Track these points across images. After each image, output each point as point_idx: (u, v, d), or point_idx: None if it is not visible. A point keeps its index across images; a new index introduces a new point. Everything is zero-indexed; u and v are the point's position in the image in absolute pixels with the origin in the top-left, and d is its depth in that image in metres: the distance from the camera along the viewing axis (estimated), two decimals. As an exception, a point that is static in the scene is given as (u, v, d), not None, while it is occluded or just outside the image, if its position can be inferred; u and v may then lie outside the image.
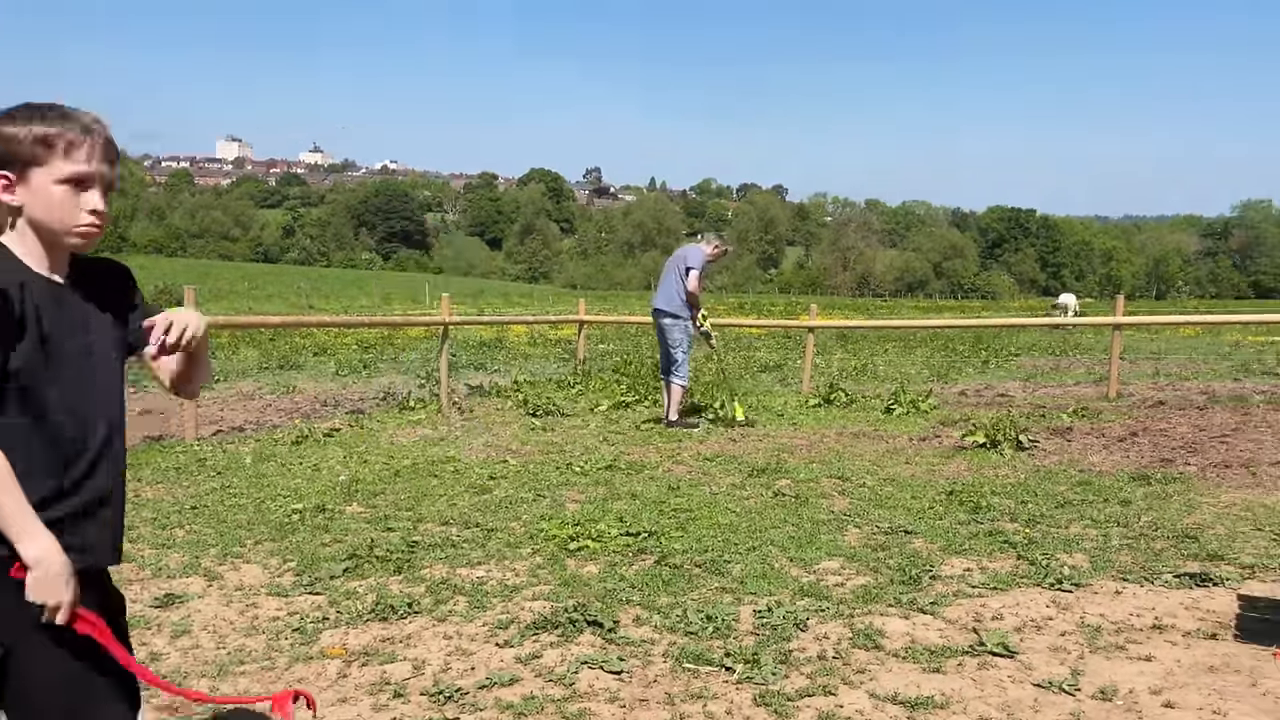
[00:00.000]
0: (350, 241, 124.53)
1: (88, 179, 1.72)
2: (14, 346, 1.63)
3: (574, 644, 3.38)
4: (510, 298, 58.03)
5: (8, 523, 1.60)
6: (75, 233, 1.73)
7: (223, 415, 9.74)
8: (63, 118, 1.70)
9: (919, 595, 3.89)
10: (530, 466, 6.67)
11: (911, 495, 5.73)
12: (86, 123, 1.72)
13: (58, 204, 1.70)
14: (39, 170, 1.69)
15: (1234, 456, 6.91)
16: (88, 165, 1.71)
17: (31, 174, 1.69)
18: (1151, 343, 21.15)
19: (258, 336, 20.51)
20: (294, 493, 5.76)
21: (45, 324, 1.67)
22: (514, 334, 23.47)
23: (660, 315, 8.71)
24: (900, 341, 21.45)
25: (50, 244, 1.74)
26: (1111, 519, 5.12)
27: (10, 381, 1.63)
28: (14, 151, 1.68)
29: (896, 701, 2.91)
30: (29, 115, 1.69)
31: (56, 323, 1.70)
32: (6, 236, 1.73)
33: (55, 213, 1.71)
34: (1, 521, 1.60)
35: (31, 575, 1.61)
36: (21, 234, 1.72)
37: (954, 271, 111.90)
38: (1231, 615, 3.65)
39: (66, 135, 1.69)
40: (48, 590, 1.62)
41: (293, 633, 3.49)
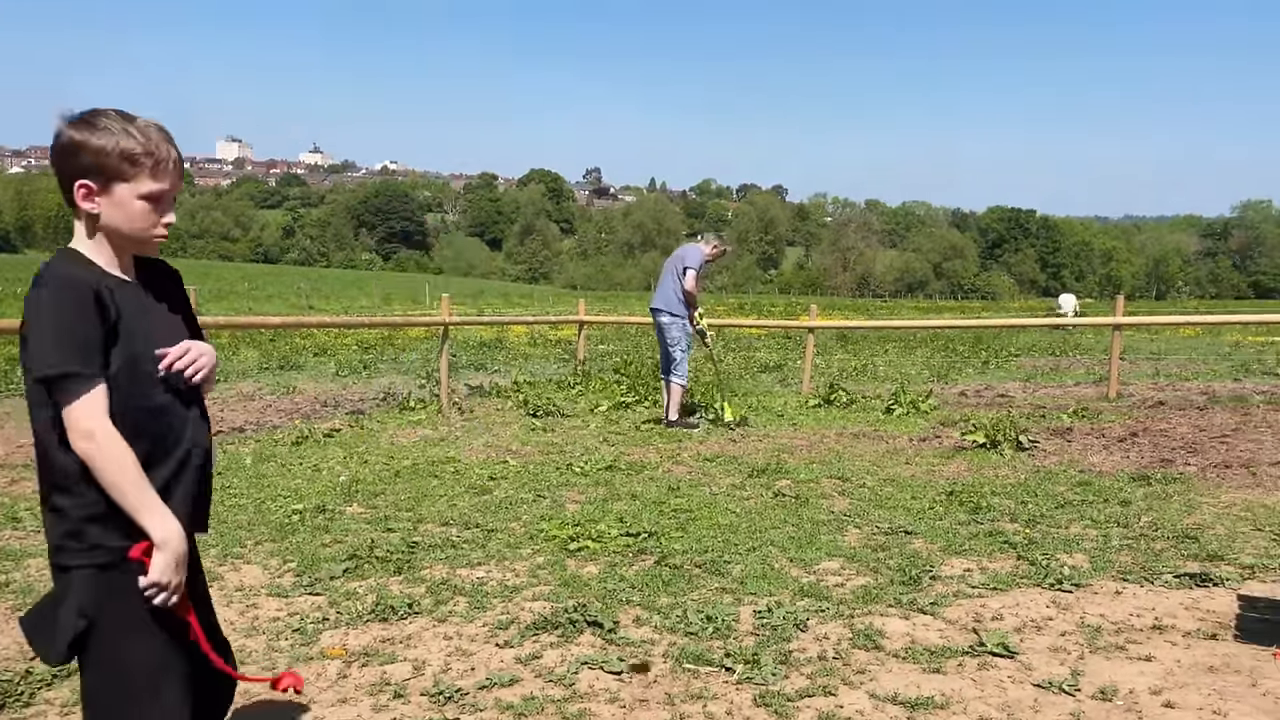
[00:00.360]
0: (350, 242, 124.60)
1: (167, 195, 1.84)
2: (114, 344, 1.74)
3: (574, 644, 3.38)
4: (510, 298, 58.03)
5: (132, 504, 1.72)
6: (150, 242, 1.86)
7: (223, 416, 9.73)
8: (144, 133, 1.79)
9: (919, 595, 3.89)
10: (530, 467, 6.67)
11: (911, 495, 5.73)
12: (165, 138, 1.82)
13: (138, 216, 1.81)
14: (123, 185, 1.78)
15: (1234, 457, 6.91)
16: (168, 182, 1.82)
17: (115, 187, 1.78)
18: (1151, 343, 21.15)
19: (258, 337, 20.51)
20: (294, 493, 5.76)
21: (132, 321, 1.78)
22: (514, 334, 23.47)
23: (658, 314, 8.71)
24: (900, 342, 21.45)
25: (120, 249, 1.85)
26: (1111, 519, 5.12)
27: (118, 377, 1.74)
28: (100, 164, 1.77)
29: (896, 702, 2.91)
30: (113, 128, 1.77)
31: (139, 319, 1.81)
32: (80, 243, 1.83)
33: (135, 224, 1.81)
34: (125, 502, 1.71)
35: (159, 554, 1.74)
36: (95, 240, 1.82)
37: (954, 272, 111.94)
38: (1231, 615, 3.65)
39: (154, 155, 1.79)
40: (170, 571, 1.75)
41: (293, 633, 3.49)
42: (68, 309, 1.69)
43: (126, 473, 1.71)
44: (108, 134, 1.76)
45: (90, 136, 1.75)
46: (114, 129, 1.76)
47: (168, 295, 1.93)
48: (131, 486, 1.72)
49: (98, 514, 1.74)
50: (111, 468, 1.70)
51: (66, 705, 2.88)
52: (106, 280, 1.78)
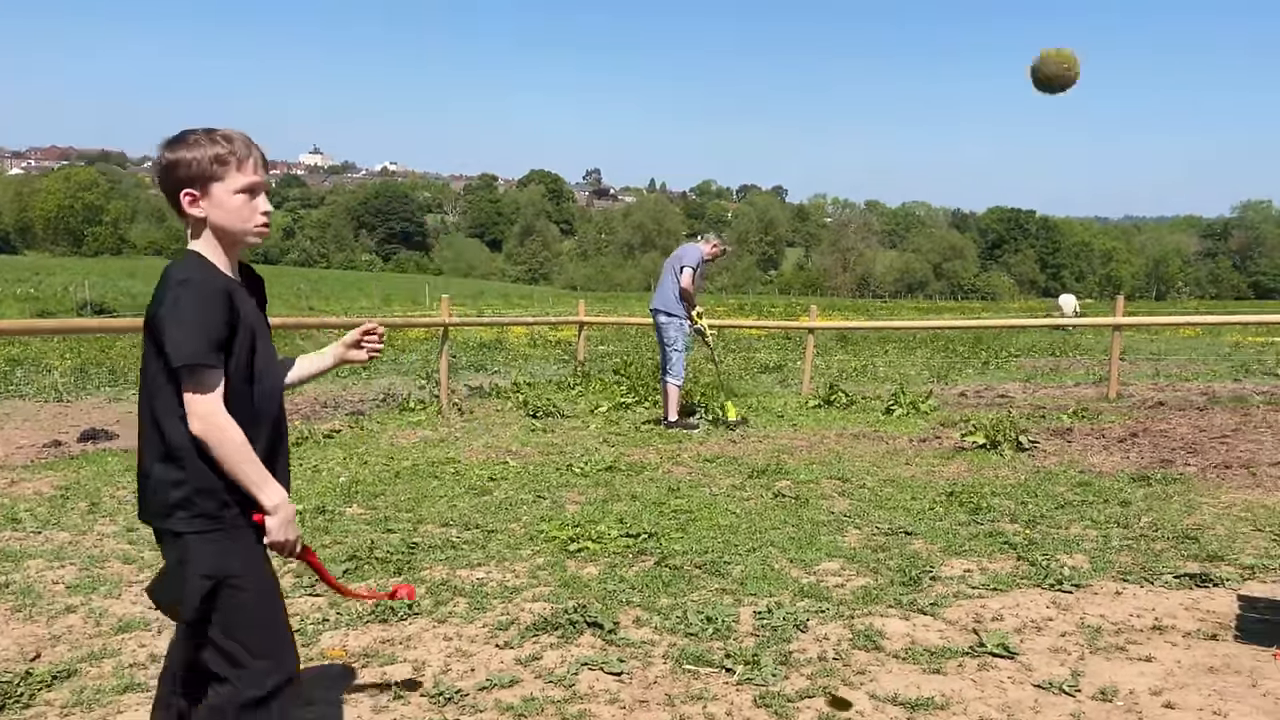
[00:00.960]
0: (350, 243, 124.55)
1: (258, 187, 2.09)
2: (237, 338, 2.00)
3: (574, 645, 3.38)
4: (510, 299, 58.04)
5: (250, 479, 2.00)
6: (254, 233, 2.11)
7: (223, 417, 9.73)
8: (227, 138, 2.05)
9: (919, 596, 3.89)
10: (530, 468, 6.67)
11: (911, 496, 5.73)
12: (246, 140, 2.08)
13: (238, 209, 2.06)
14: (218, 185, 2.04)
15: (1234, 457, 6.91)
16: (256, 175, 2.08)
17: (213, 188, 2.04)
18: (1151, 343, 21.15)
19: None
20: (294, 494, 5.73)
21: (249, 319, 2.06)
22: (514, 335, 23.46)
23: (656, 315, 8.71)
24: (900, 342, 21.45)
25: (229, 248, 2.09)
26: (1111, 520, 5.12)
27: (240, 368, 2.01)
28: (196, 172, 2.03)
29: (897, 702, 2.91)
30: (201, 139, 2.04)
31: (254, 316, 2.09)
32: (197, 246, 2.07)
33: (236, 218, 2.07)
34: (244, 478, 1.99)
35: (271, 519, 2.05)
36: (209, 243, 2.07)
37: (954, 272, 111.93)
38: (1232, 616, 3.65)
39: (237, 152, 2.05)
40: (286, 530, 2.08)
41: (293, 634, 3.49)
42: (207, 307, 1.95)
43: (241, 453, 1.98)
44: (197, 146, 2.03)
45: (183, 151, 2.03)
46: (201, 141, 2.04)
47: (257, 294, 2.19)
48: (247, 465, 1.99)
49: (205, 486, 2.00)
50: (229, 449, 1.96)
51: (66, 706, 2.88)
52: (229, 282, 2.05)
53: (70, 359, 15.27)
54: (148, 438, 2.04)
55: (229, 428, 1.96)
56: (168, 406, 1.99)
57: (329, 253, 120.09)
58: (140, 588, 3.99)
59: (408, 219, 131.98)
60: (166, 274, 2.02)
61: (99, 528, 4.95)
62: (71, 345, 17.71)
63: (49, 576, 4.13)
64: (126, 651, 3.32)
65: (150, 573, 4.18)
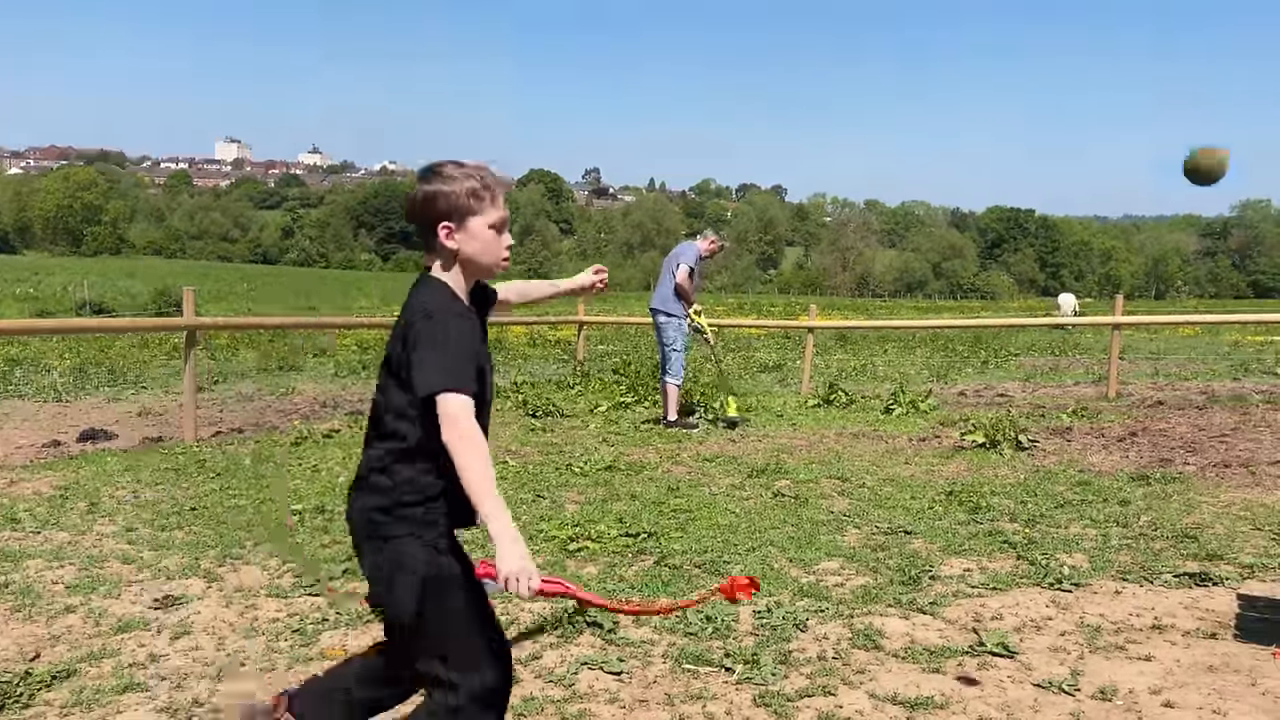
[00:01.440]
0: (349, 242, 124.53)
1: (505, 221, 2.16)
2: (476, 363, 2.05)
3: (573, 645, 3.38)
4: (509, 298, 58.00)
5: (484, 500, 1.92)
6: (500, 266, 2.20)
7: (222, 417, 9.73)
8: (480, 172, 2.12)
9: (918, 595, 3.89)
10: (529, 467, 6.67)
11: (911, 495, 5.73)
12: (494, 175, 2.15)
13: (490, 244, 2.14)
14: (475, 219, 2.12)
15: (1233, 456, 6.91)
16: (504, 210, 2.15)
17: (469, 222, 2.11)
18: (1151, 342, 21.16)
19: (257, 338, 20.49)
20: (293, 494, 5.75)
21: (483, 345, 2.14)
22: (513, 334, 23.46)
23: (656, 314, 8.70)
24: (899, 342, 21.45)
25: (470, 278, 2.17)
26: (1111, 519, 5.12)
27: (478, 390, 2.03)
28: (455, 205, 2.10)
29: (896, 702, 2.91)
30: (456, 173, 2.11)
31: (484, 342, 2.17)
32: (441, 275, 2.14)
33: (487, 252, 2.14)
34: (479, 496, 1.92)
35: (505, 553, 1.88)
36: (455, 274, 2.14)
37: (953, 272, 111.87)
38: (1231, 615, 3.65)
39: (490, 187, 2.13)
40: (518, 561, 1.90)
41: (292, 634, 3.49)
42: (465, 337, 2.04)
43: (486, 470, 1.94)
44: (454, 180, 2.10)
45: (440, 184, 2.10)
46: (457, 174, 2.11)
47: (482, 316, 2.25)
48: (487, 483, 1.93)
49: (428, 497, 2.07)
50: (477, 465, 1.93)
51: (66, 706, 2.88)
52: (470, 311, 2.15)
53: (69, 359, 15.26)
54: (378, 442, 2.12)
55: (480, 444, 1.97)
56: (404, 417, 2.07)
57: (328, 252, 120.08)
58: (140, 587, 3.99)
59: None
60: (420, 304, 2.09)
61: (98, 528, 4.95)
62: (70, 345, 17.71)
63: (48, 576, 4.13)
64: (126, 651, 3.32)
65: (150, 573, 4.19)
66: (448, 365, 2.00)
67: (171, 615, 3.68)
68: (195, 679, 3.09)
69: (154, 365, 15.06)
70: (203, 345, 15.43)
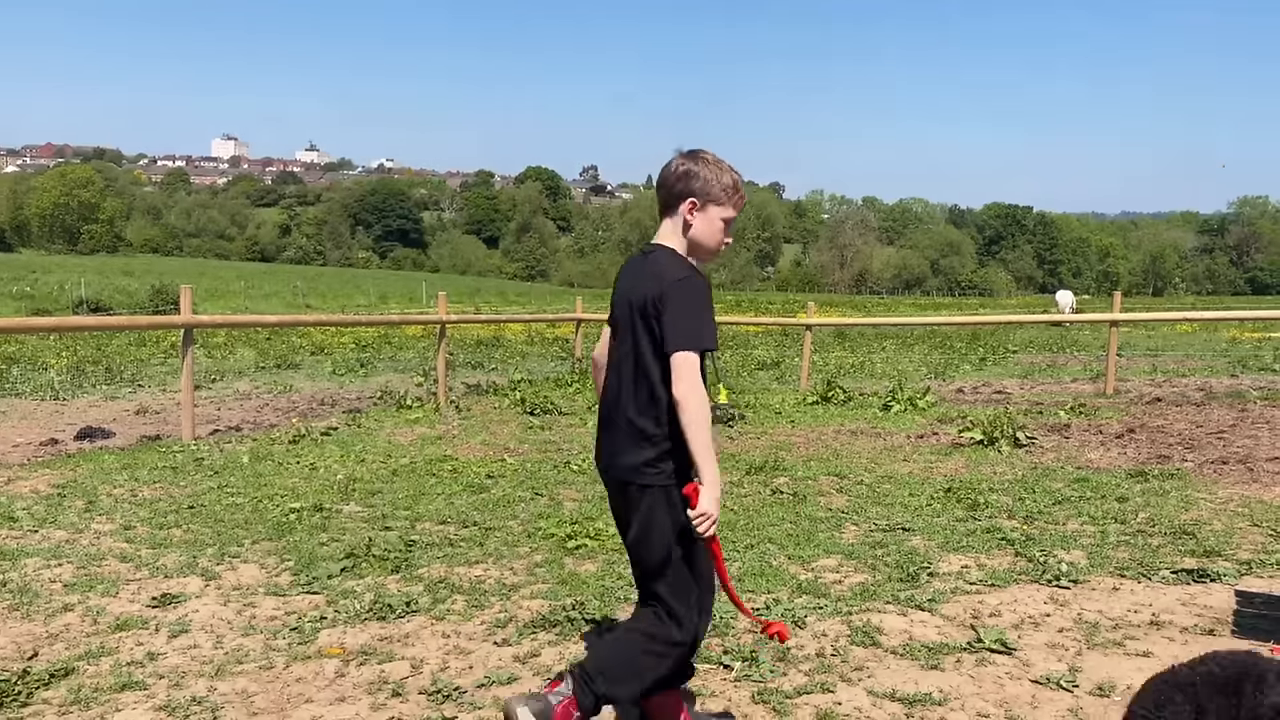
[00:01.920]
0: (347, 240, 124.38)
1: (733, 223, 2.50)
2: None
3: (572, 642, 3.38)
4: (507, 296, 58.01)
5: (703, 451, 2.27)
6: (713, 253, 2.52)
7: (219, 415, 9.72)
8: (734, 174, 2.48)
9: (917, 592, 3.89)
10: (528, 465, 6.67)
11: (909, 492, 5.74)
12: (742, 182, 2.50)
13: (716, 233, 2.47)
14: (716, 208, 2.45)
15: (1231, 452, 6.92)
16: (737, 214, 2.49)
17: (710, 208, 2.45)
18: (1149, 339, 21.18)
19: (254, 336, 20.47)
20: (291, 492, 5.75)
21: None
22: (511, 333, 23.45)
23: None
24: (898, 339, 21.46)
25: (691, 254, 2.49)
26: (1109, 515, 5.12)
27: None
28: (708, 190, 2.44)
29: (894, 698, 2.91)
30: (721, 164, 2.47)
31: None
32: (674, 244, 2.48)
33: (713, 239, 2.48)
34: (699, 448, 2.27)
35: (706, 491, 2.26)
36: (681, 245, 2.48)
37: (951, 269, 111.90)
38: (1229, 611, 3.65)
39: (739, 191, 2.47)
40: (714, 505, 2.27)
41: (290, 632, 3.48)
42: (709, 299, 2.40)
43: (705, 425, 2.28)
44: (717, 169, 2.45)
45: (704, 169, 2.44)
46: (720, 166, 2.45)
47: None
48: (706, 435, 2.27)
49: (670, 449, 2.38)
50: (699, 418, 2.27)
51: (64, 705, 2.87)
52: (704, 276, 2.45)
53: (66, 357, 15.24)
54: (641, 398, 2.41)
55: (704, 400, 2.30)
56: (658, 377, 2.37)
57: (326, 250, 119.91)
58: (138, 586, 3.98)
59: (404, 216, 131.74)
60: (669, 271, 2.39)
61: (95, 526, 4.94)
62: (67, 343, 17.69)
63: (46, 575, 4.13)
64: (124, 650, 3.31)
65: (148, 571, 4.18)
66: (694, 327, 2.33)
67: (169, 613, 3.68)
68: (194, 677, 3.09)
69: (151, 363, 15.05)
70: (199, 344, 15.40)
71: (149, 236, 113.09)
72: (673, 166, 2.46)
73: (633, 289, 2.44)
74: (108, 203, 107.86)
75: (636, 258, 2.53)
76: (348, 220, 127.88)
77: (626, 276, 2.53)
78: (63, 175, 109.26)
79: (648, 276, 2.41)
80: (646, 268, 2.44)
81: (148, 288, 36.27)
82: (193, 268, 74.57)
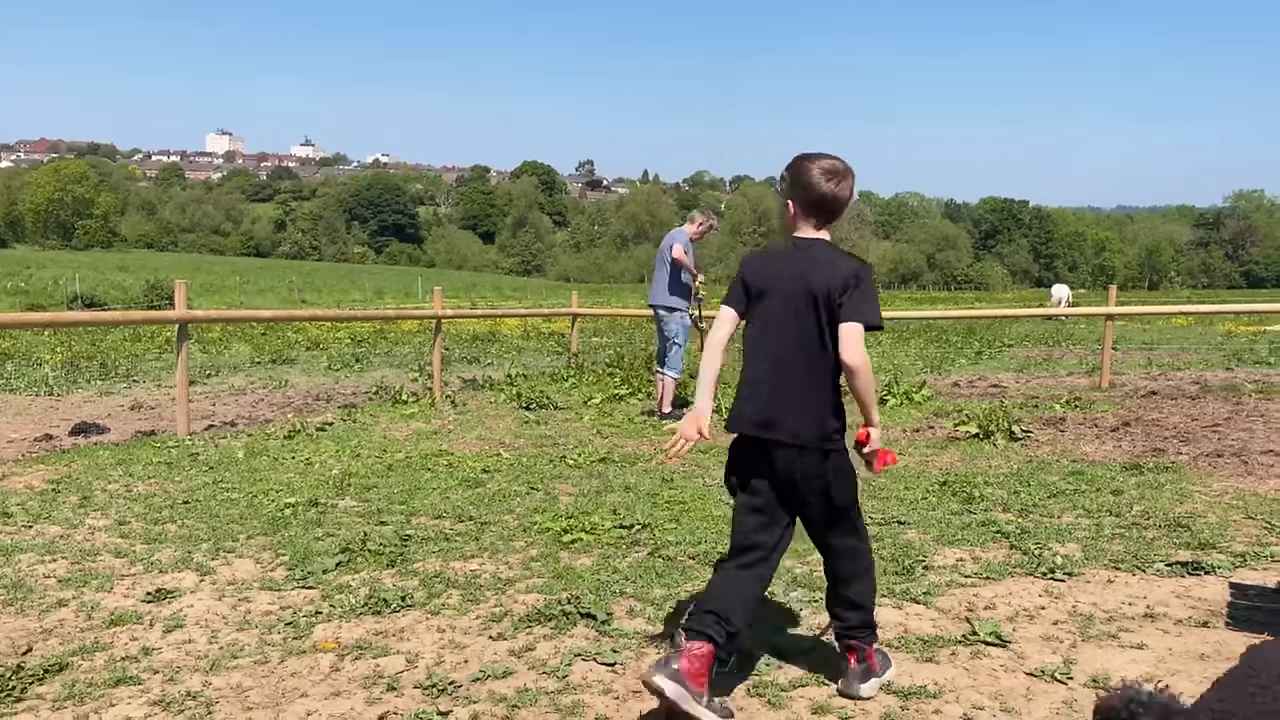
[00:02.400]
0: (342, 235, 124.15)
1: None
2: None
3: (567, 636, 3.38)
4: (503, 291, 57.99)
5: (871, 408, 2.85)
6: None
7: (214, 410, 9.71)
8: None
9: (912, 585, 3.89)
10: (523, 459, 6.66)
11: (905, 486, 5.74)
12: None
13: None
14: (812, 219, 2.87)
15: (1226, 445, 6.93)
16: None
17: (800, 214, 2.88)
18: (1144, 333, 21.20)
19: (249, 331, 20.44)
20: (286, 487, 5.74)
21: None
22: (507, 327, 23.42)
23: (657, 310, 8.68)
24: (893, 332, 21.46)
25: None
26: (1104, 508, 5.13)
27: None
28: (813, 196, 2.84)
29: (890, 691, 2.91)
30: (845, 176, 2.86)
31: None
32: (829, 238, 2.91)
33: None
34: (869, 401, 2.82)
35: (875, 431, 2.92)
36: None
37: (947, 263, 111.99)
38: (1223, 603, 3.66)
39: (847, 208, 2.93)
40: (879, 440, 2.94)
41: (285, 626, 3.48)
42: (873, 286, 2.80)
43: (872, 385, 2.75)
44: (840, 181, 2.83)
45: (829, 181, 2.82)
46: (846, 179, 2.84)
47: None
48: (872, 391, 2.78)
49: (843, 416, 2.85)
50: (869, 382, 2.74)
51: (58, 700, 2.87)
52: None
53: (61, 353, 15.21)
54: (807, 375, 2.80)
55: (869, 367, 2.75)
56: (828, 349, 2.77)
57: (321, 245, 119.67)
58: (133, 581, 3.98)
59: (400, 211, 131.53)
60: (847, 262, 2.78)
61: (90, 521, 4.93)
62: (62, 339, 17.65)
63: (40, 570, 4.12)
64: (119, 645, 3.31)
65: (142, 566, 4.18)
66: (873, 307, 2.75)
67: (164, 609, 3.67)
68: (188, 672, 3.08)
69: (146, 359, 15.02)
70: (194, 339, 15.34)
71: (144, 232, 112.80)
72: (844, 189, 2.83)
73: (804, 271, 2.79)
74: (102, 198, 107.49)
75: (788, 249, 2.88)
76: (343, 215, 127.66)
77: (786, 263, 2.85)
78: (57, 170, 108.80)
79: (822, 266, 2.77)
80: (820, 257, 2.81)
81: (142, 283, 36.22)
82: (188, 263, 74.40)
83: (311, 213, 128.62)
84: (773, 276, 2.83)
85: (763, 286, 2.84)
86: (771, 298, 2.82)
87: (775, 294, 2.80)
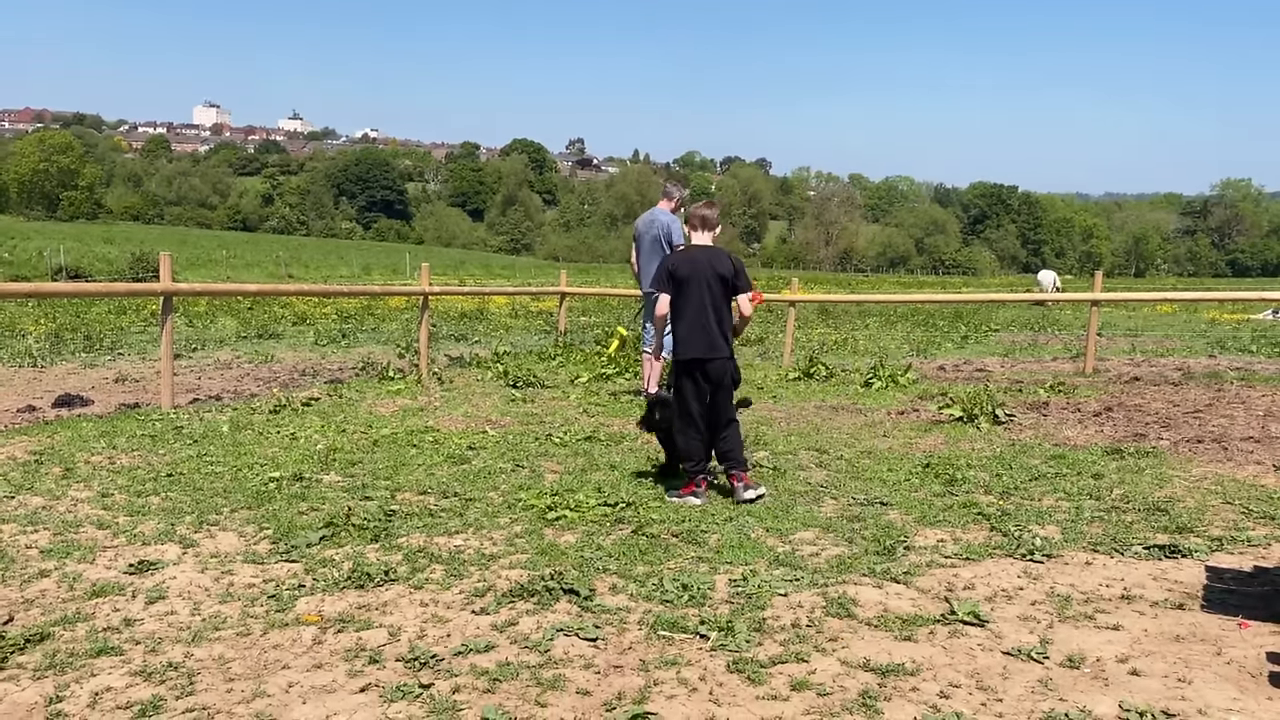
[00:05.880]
0: (330, 210, 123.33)
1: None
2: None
3: (550, 612, 3.40)
4: (492, 269, 57.77)
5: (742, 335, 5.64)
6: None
7: (200, 384, 9.67)
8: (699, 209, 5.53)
9: (893, 565, 3.93)
10: (509, 437, 6.67)
11: (888, 468, 5.78)
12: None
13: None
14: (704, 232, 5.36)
15: (1206, 431, 6.99)
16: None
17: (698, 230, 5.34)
18: (1129, 320, 21.32)
19: (236, 305, 20.33)
20: (271, 461, 5.73)
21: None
22: (495, 305, 23.37)
23: (651, 295, 8.65)
24: (881, 316, 21.52)
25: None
26: (1084, 492, 5.18)
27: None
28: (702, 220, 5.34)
29: (868, 669, 2.94)
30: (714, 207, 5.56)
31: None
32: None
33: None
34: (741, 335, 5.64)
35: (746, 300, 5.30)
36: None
37: (935, 247, 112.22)
38: (1199, 586, 3.70)
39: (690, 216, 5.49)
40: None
41: (268, 599, 3.49)
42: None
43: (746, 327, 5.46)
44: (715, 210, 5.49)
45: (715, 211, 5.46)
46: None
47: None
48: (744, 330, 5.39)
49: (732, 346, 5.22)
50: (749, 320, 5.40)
51: (39, 669, 2.87)
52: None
53: (45, 324, 15.10)
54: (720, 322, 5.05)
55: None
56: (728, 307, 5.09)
57: (308, 220, 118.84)
58: (115, 553, 3.97)
59: (389, 187, 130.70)
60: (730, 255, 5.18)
61: (73, 493, 4.92)
62: (46, 310, 17.52)
63: (22, 541, 4.11)
64: (100, 616, 3.31)
65: (125, 538, 4.17)
66: (749, 280, 5.13)
67: (146, 580, 3.67)
68: (170, 643, 3.09)
69: (131, 331, 14.93)
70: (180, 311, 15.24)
71: (129, 204, 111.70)
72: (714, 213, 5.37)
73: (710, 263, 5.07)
74: (87, 169, 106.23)
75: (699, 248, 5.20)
76: (331, 190, 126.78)
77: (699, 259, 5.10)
78: (41, 140, 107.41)
79: (718, 257, 5.10)
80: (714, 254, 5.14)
81: (128, 255, 35.91)
82: (174, 236, 73.81)
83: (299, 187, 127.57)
84: (690, 267, 5.04)
85: (685, 275, 5.03)
86: (693, 280, 5.02)
87: (696, 278, 5.02)
